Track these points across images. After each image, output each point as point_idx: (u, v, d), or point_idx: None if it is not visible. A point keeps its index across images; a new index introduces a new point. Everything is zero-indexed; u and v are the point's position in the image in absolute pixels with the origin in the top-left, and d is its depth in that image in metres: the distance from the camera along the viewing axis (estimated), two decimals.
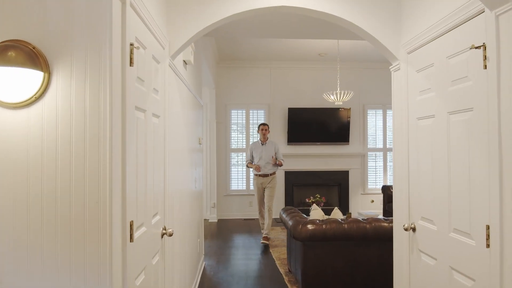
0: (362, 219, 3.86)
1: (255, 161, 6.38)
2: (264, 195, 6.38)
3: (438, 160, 2.23)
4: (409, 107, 2.60)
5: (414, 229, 2.55)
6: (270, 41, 7.02)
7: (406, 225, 2.55)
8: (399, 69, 2.73)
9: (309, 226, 3.70)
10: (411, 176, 2.59)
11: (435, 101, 2.26)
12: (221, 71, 8.38)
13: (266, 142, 6.40)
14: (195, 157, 4.32)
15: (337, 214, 4.04)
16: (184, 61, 3.44)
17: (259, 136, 6.50)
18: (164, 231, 2.42)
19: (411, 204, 2.60)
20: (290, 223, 3.91)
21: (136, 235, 1.83)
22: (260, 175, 6.33)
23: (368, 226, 3.74)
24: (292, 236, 3.80)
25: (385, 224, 3.76)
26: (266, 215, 6.21)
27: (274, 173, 6.37)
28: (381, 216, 5.94)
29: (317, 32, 4.81)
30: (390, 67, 2.87)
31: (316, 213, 4.09)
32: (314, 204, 4.24)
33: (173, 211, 2.85)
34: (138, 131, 1.88)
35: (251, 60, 8.32)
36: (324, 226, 3.70)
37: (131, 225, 1.72)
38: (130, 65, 1.72)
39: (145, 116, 2.02)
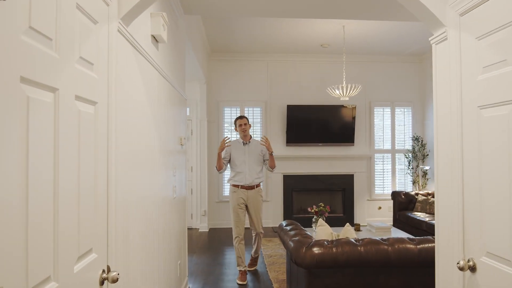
0: (381, 239, 3.07)
1: (236, 166, 4.61)
2: (245, 216, 4.67)
3: None
4: (464, 91, 1.81)
5: (473, 269, 1.75)
6: (267, 31, 6.23)
7: (461, 263, 1.75)
8: (446, 38, 1.93)
9: (315, 250, 2.91)
10: (467, 190, 1.80)
11: None
12: (213, 65, 7.58)
13: (250, 140, 4.68)
14: (174, 160, 3.52)
15: (348, 232, 3.25)
16: (154, 36, 2.64)
17: (238, 134, 4.75)
18: (105, 274, 1.62)
19: (468, 231, 1.81)
20: (291, 244, 3.11)
21: None
22: (242, 187, 4.56)
23: (390, 249, 2.94)
24: (294, 261, 3.00)
25: (411, 246, 2.97)
26: (254, 239, 4.81)
27: (259, 184, 4.72)
28: (400, 233, 5.15)
29: (320, 10, 4.02)
30: (430, 39, 2.08)
31: (323, 231, 3.30)
32: (320, 219, 3.44)
33: (128, 239, 2.05)
34: (30, 120, 1.08)
35: (246, 52, 7.53)
36: (334, 249, 2.91)
37: None
38: None
39: (55, 98, 1.22)
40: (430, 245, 3.00)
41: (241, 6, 3.82)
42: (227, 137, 4.56)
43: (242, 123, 4.66)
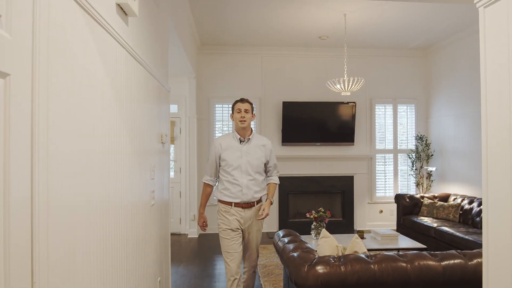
0: (397, 254, 2.57)
1: (229, 173, 3.18)
2: (242, 244, 3.23)
3: None
4: None
5: None
6: (261, 21, 5.74)
7: None
8: None
9: (320, 269, 2.40)
10: None
11: None
12: (203, 58, 7.07)
13: (250, 137, 3.25)
14: (152, 161, 3.01)
15: (357, 245, 2.76)
16: (120, 6, 2.13)
17: (233, 125, 3.19)
18: None
19: None
20: (289, 261, 2.61)
21: None
22: (237, 205, 3.16)
23: (409, 267, 2.45)
24: (293, 281, 2.50)
25: (433, 263, 2.48)
26: (245, 276, 3.39)
27: (261, 199, 3.31)
28: (408, 240, 4.68)
29: None
30: (476, 1, 1.59)
31: (327, 243, 2.81)
32: (324, 230, 2.95)
33: (75, 263, 1.53)
34: None
35: (238, 45, 7.03)
36: (342, 268, 2.41)
37: None
38: None
39: None
40: (455, 261, 2.51)
41: None
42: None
43: (242, 108, 3.19)
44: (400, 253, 2.60)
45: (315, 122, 7.08)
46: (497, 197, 1.50)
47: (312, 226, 4.82)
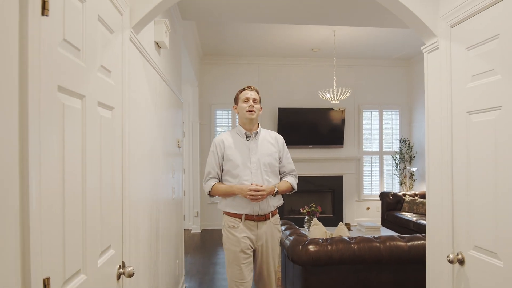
0: (373, 237, 3.21)
1: (234, 177, 2.55)
2: (253, 266, 2.59)
3: (507, 168, 1.58)
4: (454, 97, 1.95)
5: (462, 262, 1.90)
6: (258, 35, 6.36)
7: (451, 256, 1.89)
8: (437, 48, 2.08)
9: (311, 247, 3.03)
10: (457, 189, 1.94)
11: (502, 87, 1.61)
12: (205, 67, 7.68)
13: (258, 131, 2.64)
14: (173, 162, 3.61)
15: (342, 230, 3.39)
16: (157, 42, 2.74)
17: (238, 119, 2.71)
18: (121, 270, 1.72)
19: (457, 227, 1.95)
20: (287, 243, 3.23)
21: None
22: (248, 217, 2.51)
23: (382, 246, 3.09)
24: (290, 258, 3.12)
25: (401, 243, 3.12)
26: None
27: (276, 210, 2.71)
28: (389, 232, 5.32)
29: (311, 17, 4.16)
30: (422, 48, 2.22)
31: (317, 229, 3.43)
32: (315, 219, 3.57)
33: (138, 237, 2.14)
34: (66, 126, 1.18)
35: (237, 56, 7.64)
36: (329, 247, 3.04)
37: (45, 285, 1.02)
38: (43, 14, 1.02)
39: (83, 105, 1.32)
40: (419, 242, 3.15)
41: (236, 13, 3.93)
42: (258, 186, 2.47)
43: (250, 96, 2.59)
44: (375, 236, 3.23)
45: (307, 127, 7.71)
46: (435, 203, 2.13)
47: (305, 220, 5.43)
